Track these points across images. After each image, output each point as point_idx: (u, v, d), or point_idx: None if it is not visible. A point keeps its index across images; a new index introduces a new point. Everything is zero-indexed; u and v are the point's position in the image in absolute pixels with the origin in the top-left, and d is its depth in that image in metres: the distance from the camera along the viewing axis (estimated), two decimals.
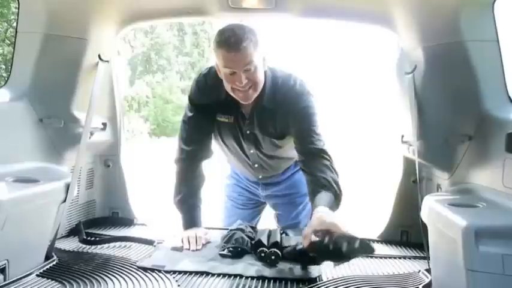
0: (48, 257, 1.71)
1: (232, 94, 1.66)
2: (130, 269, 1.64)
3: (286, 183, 2.11)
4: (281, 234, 1.88)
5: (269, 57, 1.70)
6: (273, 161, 1.95)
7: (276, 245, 1.75)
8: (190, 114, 1.81)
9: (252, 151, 1.87)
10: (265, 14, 2.02)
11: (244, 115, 1.77)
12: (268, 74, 1.71)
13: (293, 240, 1.81)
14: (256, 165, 1.96)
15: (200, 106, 1.78)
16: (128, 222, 2.34)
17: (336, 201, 1.58)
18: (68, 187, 1.74)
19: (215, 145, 1.94)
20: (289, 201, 2.14)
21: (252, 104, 1.72)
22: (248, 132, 1.80)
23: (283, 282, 1.56)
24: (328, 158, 1.67)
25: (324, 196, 1.55)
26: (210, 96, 1.75)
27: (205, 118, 1.79)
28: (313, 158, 1.67)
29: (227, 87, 1.65)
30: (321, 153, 1.67)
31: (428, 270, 1.63)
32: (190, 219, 1.89)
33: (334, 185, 1.60)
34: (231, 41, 1.52)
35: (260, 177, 2.06)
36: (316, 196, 1.57)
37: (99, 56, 2.03)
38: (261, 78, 1.64)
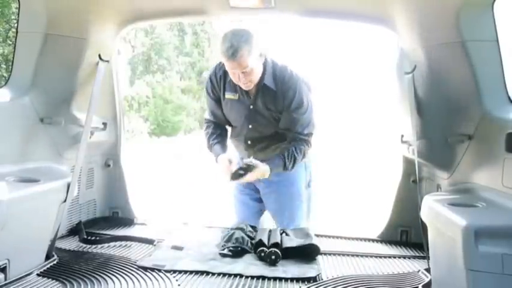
0: (48, 257, 1.71)
1: (235, 82, 1.95)
2: (131, 268, 1.65)
3: (282, 176, 2.12)
4: (281, 234, 1.89)
5: (266, 52, 1.94)
6: (265, 140, 2.09)
7: (276, 245, 1.76)
8: (208, 96, 2.16)
9: (250, 126, 2.06)
10: (265, 14, 2.03)
11: (248, 92, 2.01)
12: (268, 60, 1.98)
13: (294, 240, 1.81)
14: (249, 142, 2.09)
15: (212, 93, 2.11)
16: (128, 221, 2.35)
17: (279, 168, 1.99)
18: (68, 187, 1.75)
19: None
20: (287, 193, 2.14)
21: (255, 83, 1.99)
22: (251, 107, 2.02)
23: (283, 281, 1.57)
24: (306, 144, 2.01)
25: (277, 160, 1.98)
26: (219, 83, 2.06)
27: (218, 99, 2.12)
28: (294, 141, 2.01)
29: (231, 77, 1.94)
30: (302, 141, 2.01)
31: (428, 270, 1.64)
32: (220, 150, 2.08)
33: (289, 161, 1.99)
34: (229, 53, 1.80)
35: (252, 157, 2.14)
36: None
37: (99, 55, 2.03)
38: (257, 74, 1.92)
